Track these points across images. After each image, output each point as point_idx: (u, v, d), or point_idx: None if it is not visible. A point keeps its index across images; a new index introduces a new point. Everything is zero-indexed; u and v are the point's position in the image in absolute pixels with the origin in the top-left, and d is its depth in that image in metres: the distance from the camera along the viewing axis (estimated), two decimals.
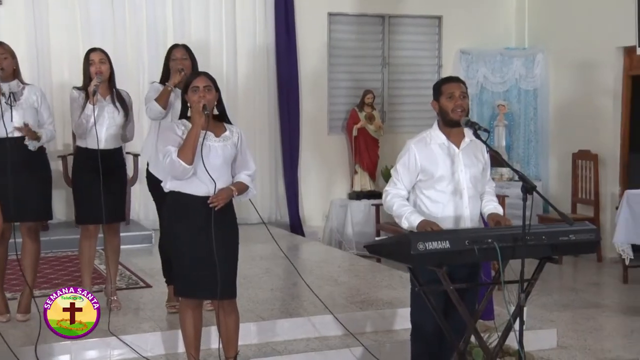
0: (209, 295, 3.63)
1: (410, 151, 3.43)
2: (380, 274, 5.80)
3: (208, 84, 3.55)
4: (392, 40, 8.53)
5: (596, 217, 7.44)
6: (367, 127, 8.14)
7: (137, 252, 6.54)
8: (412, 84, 8.60)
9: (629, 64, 7.46)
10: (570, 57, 8.07)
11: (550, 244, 3.23)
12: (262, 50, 8.00)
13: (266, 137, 8.05)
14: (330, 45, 8.28)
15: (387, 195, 3.48)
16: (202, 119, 3.47)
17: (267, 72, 8.01)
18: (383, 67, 8.53)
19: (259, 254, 6.37)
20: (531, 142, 8.57)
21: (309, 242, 7.45)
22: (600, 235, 3.58)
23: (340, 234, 8.03)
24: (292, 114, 8.06)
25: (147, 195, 7.57)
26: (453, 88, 3.41)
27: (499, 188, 7.77)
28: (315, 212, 8.27)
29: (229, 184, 3.58)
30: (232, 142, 3.61)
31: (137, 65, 7.61)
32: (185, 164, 3.43)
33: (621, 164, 7.53)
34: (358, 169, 8.16)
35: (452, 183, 3.41)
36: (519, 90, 8.58)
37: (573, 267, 7.30)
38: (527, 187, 3.07)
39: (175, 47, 4.61)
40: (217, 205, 3.48)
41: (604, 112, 7.63)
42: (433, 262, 3.11)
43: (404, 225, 3.38)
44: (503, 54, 8.56)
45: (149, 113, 4.45)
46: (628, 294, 6.17)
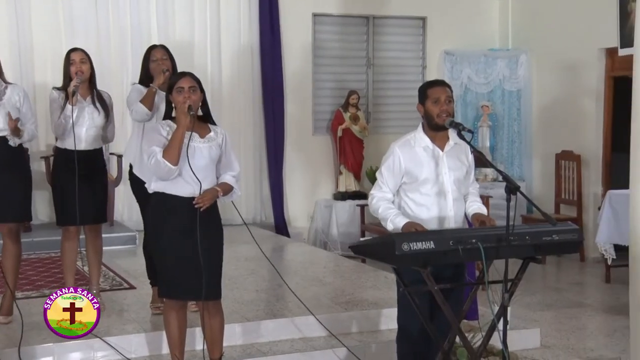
0: (194, 297, 3.62)
1: (394, 154, 3.45)
2: (365, 275, 5.81)
3: (193, 85, 3.55)
4: (376, 41, 8.55)
5: (579, 217, 7.50)
6: (352, 127, 8.16)
7: (121, 253, 6.51)
8: (397, 84, 8.63)
9: (611, 65, 7.53)
10: (553, 58, 8.13)
11: (533, 244, 3.25)
12: (246, 50, 7.99)
13: (250, 137, 8.04)
14: (314, 46, 8.29)
15: (373, 199, 3.49)
16: (187, 120, 3.46)
17: (251, 72, 8.01)
18: (367, 67, 8.55)
19: (244, 255, 6.36)
20: (515, 143, 8.63)
21: (294, 243, 7.44)
22: (583, 235, 3.61)
23: (325, 235, 8.03)
24: (276, 115, 8.06)
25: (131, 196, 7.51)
26: (439, 92, 3.41)
27: (483, 189, 7.81)
28: (300, 213, 8.27)
29: (214, 184, 3.58)
30: (216, 143, 3.61)
31: (121, 66, 7.58)
32: (171, 164, 3.42)
33: (604, 165, 7.60)
34: (343, 169, 8.18)
35: (436, 186, 3.43)
36: (502, 91, 8.63)
37: (556, 267, 7.36)
38: (510, 188, 3.09)
39: (154, 48, 4.59)
40: (203, 206, 3.48)
41: (586, 113, 7.70)
42: (417, 262, 3.12)
43: (389, 227, 3.40)
44: (487, 55, 8.61)
45: (135, 115, 4.43)
46: (610, 294, 6.22)
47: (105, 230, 4.86)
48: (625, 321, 4.50)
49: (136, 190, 4.53)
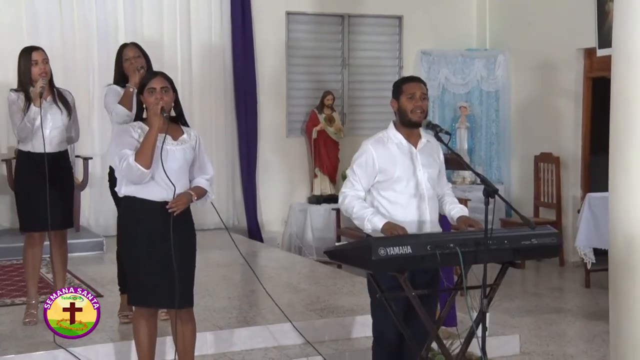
0: (165, 304, 3.60)
1: (367, 152, 3.46)
2: (341, 281, 5.83)
3: (165, 85, 3.53)
4: (351, 41, 8.58)
5: (558, 221, 7.60)
6: (327, 129, 8.18)
7: (87, 260, 6.45)
8: (373, 85, 8.67)
9: (589, 65, 7.63)
10: (531, 59, 8.23)
11: (512, 249, 3.29)
12: (217, 49, 7.97)
13: (222, 139, 8.02)
14: (288, 45, 8.30)
15: (345, 198, 3.48)
16: (160, 122, 3.44)
17: (223, 72, 7.99)
18: (343, 67, 8.58)
19: (215, 261, 6.34)
20: (493, 145, 8.71)
21: (267, 248, 7.44)
22: (562, 239, 3.66)
23: (300, 240, 8.04)
24: (249, 116, 8.05)
25: (97, 200, 7.56)
26: (414, 88, 3.45)
27: (461, 192, 7.88)
28: (274, 217, 8.27)
29: (187, 188, 3.57)
30: (190, 145, 3.60)
31: (87, 65, 7.52)
32: (143, 168, 3.40)
33: (583, 167, 7.70)
34: (318, 172, 8.19)
35: (411, 183, 3.45)
36: (480, 92, 8.71)
37: (535, 272, 7.44)
38: (489, 191, 3.12)
39: (126, 47, 4.57)
40: (177, 211, 3.46)
41: (565, 114, 7.79)
42: (394, 267, 3.14)
43: (367, 227, 3.40)
44: (464, 55, 8.68)
45: (116, 118, 4.38)
46: (590, 298, 6.30)
47: (71, 236, 4.81)
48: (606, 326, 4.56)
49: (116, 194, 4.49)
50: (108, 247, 6.61)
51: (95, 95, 7.51)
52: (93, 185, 7.46)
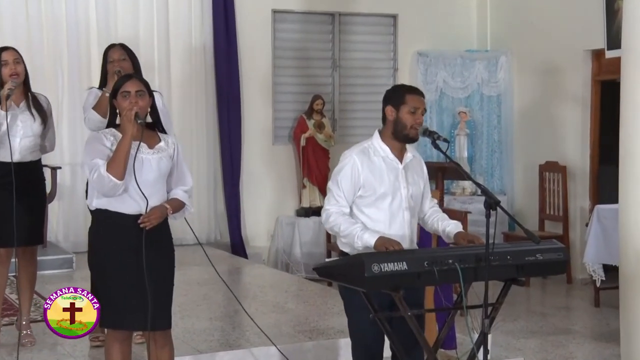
0: (140, 326, 3.57)
1: (352, 163, 3.45)
2: (331, 300, 5.81)
3: (140, 89, 3.52)
4: (343, 41, 8.61)
5: (565, 235, 7.62)
6: (317, 136, 8.18)
7: (55, 278, 6.41)
8: (366, 88, 8.69)
9: (597, 68, 7.67)
10: (535, 61, 8.27)
11: (515, 265, 3.30)
12: (198, 51, 7.98)
13: (204, 147, 8.01)
14: (275, 46, 8.31)
15: (330, 215, 3.45)
16: (134, 128, 3.43)
17: (204, 75, 7.99)
18: (333, 70, 8.60)
19: (195, 279, 6.32)
20: (495, 153, 8.74)
21: (252, 265, 7.42)
22: (570, 255, 3.67)
23: (287, 255, 8.02)
24: (232, 122, 8.05)
25: (67, 213, 7.53)
26: (419, 103, 3.44)
27: (460, 203, 7.90)
28: (259, 231, 8.25)
29: (164, 200, 3.55)
30: (167, 154, 3.58)
31: (55, 67, 7.50)
32: (116, 179, 3.38)
33: (591, 177, 7.73)
34: (306, 182, 8.19)
35: (395, 201, 3.44)
36: (481, 96, 8.74)
37: (541, 290, 7.45)
38: (490, 203, 3.13)
39: (111, 48, 4.56)
40: (148, 225, 3.44)
41: (572, 120, 7.83)
42: (389, 285, 3.14)
43: (357, 245, 3.39)
44: (464, 57, 8.72)
45: (88, 123, 4.37)
46: (600, 319, 6.31)
47: (38, 252, 4.77)
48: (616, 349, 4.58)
49: None
50: (78, 265, 6.57)
51: (65, 99, 7.49)
52: (62, 197, 7.43)
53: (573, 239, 7.68)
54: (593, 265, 6.19)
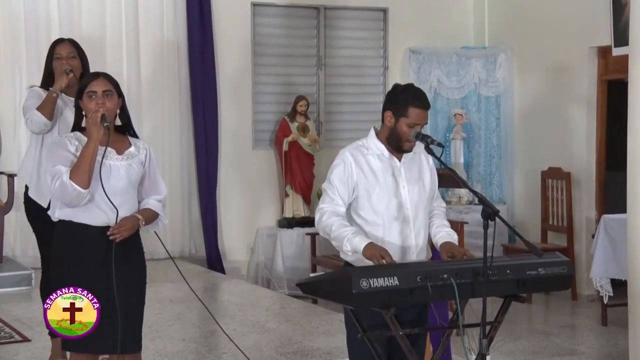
0: (108, 350, 3.56)
1: (346, 161, 3.47)
2: (316, 319, 5.82)
3: (108, 89, 3.51)
4: (329, 37, 8.63)
5: (570, 247, 7.66)
6: (300, 140, 8.20)
7: (12, 297, 6.38)
8: (353, 88, 8.71)
9: (603, 66, 7.73)
10: (537, 59, 8.32)
11: (516, 280, 3.31)
12: (171, 47, 7.97)
13: (177, 152, 8.00)
14: (254, 42, 8.32)
15: (323, 214, 3.45)
16: (100, 132, 3.42)
17: (177, 74, 7.99)
18: (318, 68, 8.62)
19: (168, 297, 6.30)
20: (493, 158, 8.78)
21: (230, 281, 7.41)
22: (575, 269, 3.69)
23: (269, 270, 8.02)
24: (208, 125, 8.05)
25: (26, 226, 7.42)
26: (420, 119, 3.44)
27: (457, 213, 7.92)
28: (237, 244, 8.25)
29: (134, 211, 3.55)
30: (138, 160, 3.58)
31: (13, 66, 7.48)
32: (80, 187, 3.38)
33: (597, 184, 7.77)
34: (289, 190, 8.20)
35: (393, 202, 3.46)
36: (478, 97, 8.78)
37: (544, 307, 7.48)
38: (488, 212, 3.14)
39: (59, 43, 4.56)
40: (119, 238, 3.44)
41: (576, 123, 7.88)
42: (379, 302, 3.14)
43: (346, 249, 3.39)
44: (460, 54, 8.76)
45: (31, 125, 4.37)
46: (607, 338, 6.35)
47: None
48: None
49: (33, 219, 4.46)
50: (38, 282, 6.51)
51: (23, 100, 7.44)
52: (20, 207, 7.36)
53: (578, 252, 7.72)
54: (600, 280, 6.22)
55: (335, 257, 7.20)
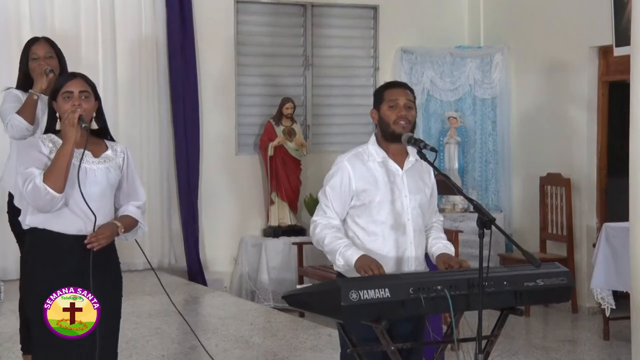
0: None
1: (343, 169, 3.50)
2: (303, 333, 5.82)
3: (85, 89, 3.51)
4: (316, 36, 8.64)
5: (570, 257, 7.68)
6: (286, 144, 8.20)
7: None
8: (342, 90, 8.73)
9: (604, 67, 7.77)
10: (535, 59, 8.36)
11: (513, 291, 3.32)
12: (149, 46, 7.96)
13: (156, 157, 7.99)
14: (238, 41, 8.33)
15: (316, 227, 3.51)
16: (77, 134, 3.42)
17: (156, 74, 7.98)
18: (305, 69, 8.63)
19: (146, 310, 6.29)
20: (489, 164, 8.80)
21: (212, 293, 7.40)
22: (575, 280, 3.71)
23: (253, 282, 8.01)
24: (189, 128, 8.04)
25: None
26: (397, 95, 3.51)
27: (451, 221, 7.94)
28: (220, 254, 8.23)
29: (111, 218, 3.54)
30: (115, 164, 3.58)
31: None
32: (54, 191, 3.37)
33: (598, 191, 7.80)
34: (275, 198, 8.20)
35: (393, 211, 3.48)
36: (474, 99, 8.81)
37: (542, 320, 7.50)
38: (484, 221, 3.16)
39: (35, 42, 4.55)
40: (97, 246, 3.43)
41: (576, 126, 7.91)
42: (369, 315, 3.15)
43: (339, 263, 3.42)
44: (454, 54, 8.79)
45: (11, 131, 4.35)
46: (610, 353, 6.37)
47: None
48: None
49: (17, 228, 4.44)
50: (7, 295, 6.50)
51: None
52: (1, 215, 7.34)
53: (579, 262, 7.74)
54: (601, 291, 6.24)
55: (324, 268, 7.20)
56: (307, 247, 7.48)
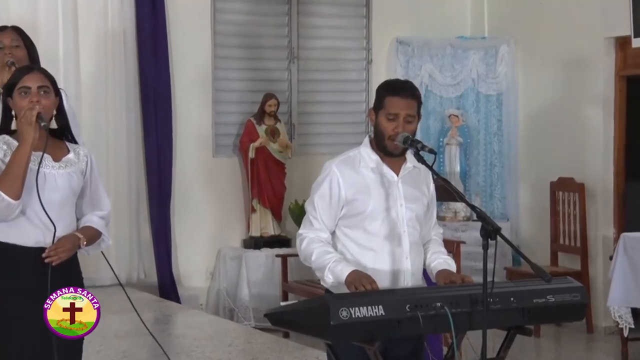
0: None
1: (332, 176, 3.50)
2: (288, 355, 5.82)
3: (45, 84, 3.50)
4: (302, 25, 8.64)
5: (584, 271, 7.70)
6: (269, 146, 8.20)
7: None
8: (332, 85, 8.73)
9: (622, 60, 7.79)
10: (545, 51, 8.38)
11: (521, 309, 3.33)
12: (117, 37, 7.94)
13: (124, 160, 7.96)
14: (215, 31, 8.32)
15: (303, 241, 3.51)
16: (36, 134, 3.41)
17: (124, 68, 7.96)
18: (291, 62, 8.63)
19: (113, 330, 6.28)
20: (495, 167, 8.82)
21: (186, 312, 7.39)
22: (590, 296, 3.72)
23: (232, 299, 8.00)
24: (161, 128, 8.02)
25: None
26: (398, 107, 3.47)
27: (452, 231, 7.96)
28: (195, 268, 8.22)
29: (73, 229, 3.54)
30: (78, 168, 3.57)
31: None
32: (10, 198, 3.36)
33: (615, 197, 7.82)
34: (256, 205, 8.19)
35: (387, 223, 3.48)
36: (477, 96, 8.82)
37: (554, 341, 7.51)
38: (488, 230, 3.16)
39: (1, 30, 4.54)
40: (56, 261, 3.42)
41: (591, 125, 7.92)
42: (362, 335, 3.15)
43: (328, 280, 3.43)
44: (455, 46, 8.80)
45: None
46: None
47: None
48: None
49: None
50: None
51: None
52: None
53: (594, 276, 7.76)
54: (619, 309, 6.25)
55: (310, 283, 7.20)
56: (292, 260, 7.47)
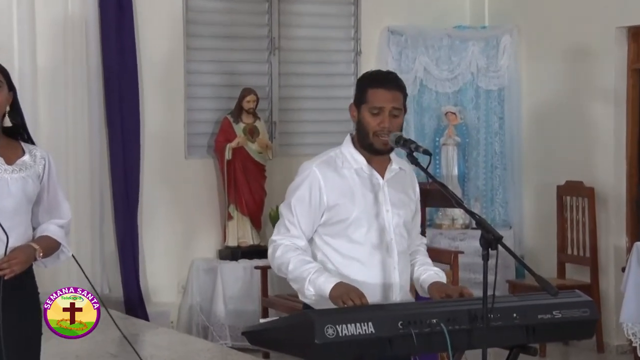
0: None
1: (312, 178, 3.49)
2: None
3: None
4: (284, 13, 8.64)
5: (594, 284, 7.70)
6: (248, 146, 8.19)
7: None
8: (317, 79, 8.72)
9: (635, 52, 7.81)
10: (551, 42, 8.39)
11: (524, 326, 3.34)
12: (77, 25, 7.92)
13: (86, 163, 7.94)
14: (187, 19, 8.31)
15: (277, 249, 3.49)
16: None
17: (85, 60, 7.93)
18: (271, 53, 8.62)
19: (73, 351, 6.26)
20: (496, 169, 8.83)
21: (155, 330, 7.37)
22: (600, 312, 3.73)
23: (206, 315, 7.99)
24: (127, 127, 8.00)
25: None
26: (383, 100, 3.48)
27: (449, 240, 7.97)
28: (165, 281, 8.21)
29: (28, 238, 3.54)
30: (34, 172, 3.57)
31: None
32: None
33: (628, 203, 7.83)
34: (233, 211, 8.18)
35: (373, 230, 3.48)
36: (476, 91, 8.84)
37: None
38: (489, 239, 3.16)
39: None
40: (8, 274, 3.42)
41: (602, 124, 7.94)
42: (350, 355, 3.15)
43: (308, 293, 3.42)
44: (452, 36, 8.81)
45: None
46: None
47: None
48: None
49: None
50: None
51: None
52: None
53: (605, 290, 7.77)
54: (633, 326, 6.27)
55: (293, 298, 7.19)
56: (273, 273, 7.44)
